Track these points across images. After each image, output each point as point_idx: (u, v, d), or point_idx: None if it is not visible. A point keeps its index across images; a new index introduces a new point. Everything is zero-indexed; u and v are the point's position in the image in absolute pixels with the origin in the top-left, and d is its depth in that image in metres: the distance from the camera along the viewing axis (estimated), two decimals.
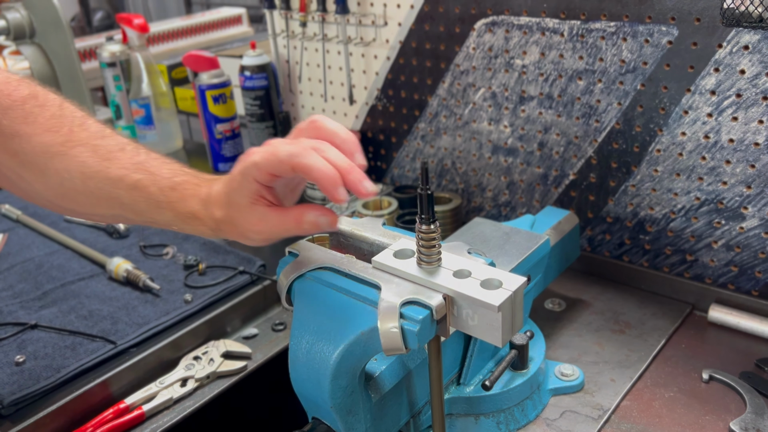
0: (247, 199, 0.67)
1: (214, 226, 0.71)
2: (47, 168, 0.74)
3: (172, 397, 0.92)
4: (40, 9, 1.72)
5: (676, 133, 1.00)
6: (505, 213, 1.26)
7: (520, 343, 0.83)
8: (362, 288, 0.68)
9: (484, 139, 1.23)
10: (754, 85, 0.90)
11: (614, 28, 1.01)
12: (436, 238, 0.66)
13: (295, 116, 1.60)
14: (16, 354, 0.96)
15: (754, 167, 0.94)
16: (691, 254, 1.04)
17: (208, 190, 0.71)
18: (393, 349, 0.63)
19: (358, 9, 1.34)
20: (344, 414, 0.67)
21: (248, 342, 1.03)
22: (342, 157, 0.64)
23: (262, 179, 0.65)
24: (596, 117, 1.07)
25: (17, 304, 1.10)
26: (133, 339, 0.99)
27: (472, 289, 0.64)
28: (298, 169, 0.63)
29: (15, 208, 1.45)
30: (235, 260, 1.18)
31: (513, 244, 0.90)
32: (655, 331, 1.00)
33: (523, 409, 0.84)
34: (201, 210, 0.71)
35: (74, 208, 0.78)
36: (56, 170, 0.74)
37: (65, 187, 0.74)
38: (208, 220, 0.71)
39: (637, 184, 1.06)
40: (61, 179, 0.74)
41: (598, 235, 1.14)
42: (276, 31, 1.52)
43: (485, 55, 1.17)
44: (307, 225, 0.66)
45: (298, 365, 0.68)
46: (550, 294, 1.10)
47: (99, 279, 1.16)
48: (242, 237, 0.70)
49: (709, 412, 0.84)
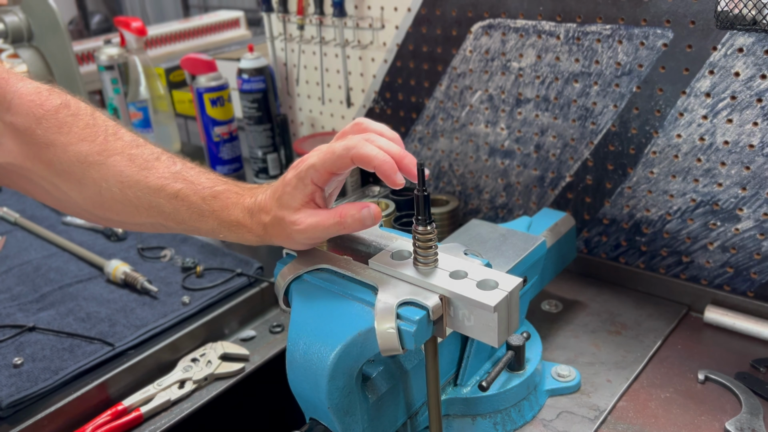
0: (300, 201, 0.68)
1: (261, 232, 0.72)
2: (84, 177, 0.74)
3: (170, 398, 0.92)
4: (39, 12, 1.72)
5: (672, 135, 1.00)
6: (502, 215, 1.27)
7: (516, 344, 0.83)
8: (359, 289, 0.68)
9: (481, 141, 1.24)
10: (748, 87, 0.91)
11: (610, 30, 1.01)
12: (433, 239, 0.67)
13: (293, 119, 1.61)
14: (14, 356, 0.97)
15: (749, 169, 0.95)
16: (687, 256, 1.05)
17: (253, 199, 0.72)
18: (390, 349, 0.63)
19: (356, 12, 1.35)
20: (341, 415, 0.68)
21: (246, 344, 1.03)
22: (393, 145, 0.67)
23: (320, 180, 0.67)
24: (592, 119, 1.08)
25: (15, 307, 1.10)
26: (131, 341, 0.99)
27: (469, 290, 0.64)
28: (357, 159, 0.64)
29: (13, 211, 1.45)
30: (232, 262, 1.18)
31: (510, 245, 0.90)
32: (651, 332, 1.00)
33: (520, 410, 0.84)
34: (246, 218, 0.72)
35: (112, 217, 0.78)
36: (93, 179, 0.74)
37: (103, 196, 0.75)
38: (255, 227, 0.72)
39: (633, 185, 1.07)
40: (99, 188, 0.74)
41: (594, 236, 1.15)
42: (274, 34, 1.52)
43: (482, 58, 1.18)
44: (350, 220, 0.67)
45: (295, 366, 0.68)
46: (547, 295, 1.10)
47: (97, 281, 1.16)
48: (289, 240, 0.71)
49: (705, 412, 0.84)
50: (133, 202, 0.74)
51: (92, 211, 0.78)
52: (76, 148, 0.74)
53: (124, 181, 0.74)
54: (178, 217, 0.74)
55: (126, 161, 0.74)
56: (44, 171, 0.76)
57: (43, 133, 0.74)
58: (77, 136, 0.74)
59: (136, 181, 0.74)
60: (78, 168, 0.74)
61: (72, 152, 0.74)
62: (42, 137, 0.74)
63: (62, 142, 0.74)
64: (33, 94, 0.75)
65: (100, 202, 0.76)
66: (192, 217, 0.74)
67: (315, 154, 0.67)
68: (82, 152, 0.74)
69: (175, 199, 0.73)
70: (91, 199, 0.76)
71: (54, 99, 0.75)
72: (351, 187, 1.46)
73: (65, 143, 0.74)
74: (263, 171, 1.57)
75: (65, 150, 0.74)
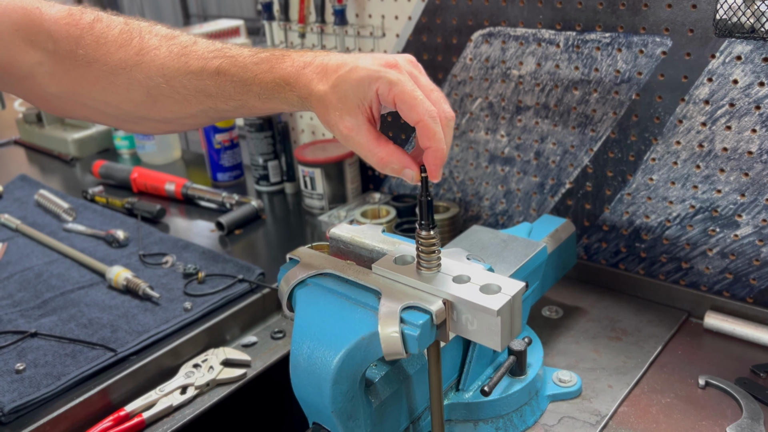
0: (356, 102, 0.65)
1: (306, 95, 0.68)
2: (131, 82, 0.76)
3: (172, 404, 0.92)
4: None
5: (671, 142, 1.01)
6: (503, 222, 1.27)
7: (518, 349, 0.84)
8: (363, 293, 0.69)
9: (481, 148, 1.25)
10: (746, 94, 0.92)
11: (609, 39, 1.02)
12: (436, 244, 0.67)
13: (293, 126, 1.61)
14: (17, 362, 0.97)
15: (748, 175, 0.95)
16: (687, 262, 1.05)
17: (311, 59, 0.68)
18: (394, 353, 0.64)
19: (357, 20, 1.36)
20: (345, 419, 0.68)
21: (247, 350, 1.04)
22: None
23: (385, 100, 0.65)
24: (592, 126, 1.09)
25: (17, 313, 1.10)
26: (133, 347, 1.00)
27: (472, 294, 0.64)
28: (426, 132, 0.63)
29: (14, 218, 1.45)
30: (234, 269, 1.19)
31: (511, 251, 0.91)
32: (651, 338, 1.01)
33: (522, 415, 0.84)
34: (294, 74, 0.68)
35: (168, 116, 0.79)
36: (139, 81, 0.76)
37: (152, 95, 0.76)
38: (301, 87, 0.68)
39: (632, 192, 1.08)
40: (147, 88, 0.76)
41: (594, 243, 1.15)
42: (275, 42, 1.53)
43: (482, 66, 1.19)
44: (393, 166, 0.65)
45: (299, 370, 0.68)
46: (548, 301, 1.11)
47: (98, 287, 1.17)
48: (327, 124, 0.68)
49: (706, 417, 0.84)
50: (180, 92, 0.75)
51: (148, 116, 0.79)
52: (116, 56, 0.75)
53: (167, 73, 0.75)
54: (224, 94, 0.73)
55: (165, 53, 0.75)
56: (94, 91, 0.78)
57: (84, 52, 0.76)
58: (115, 44, 0.76)
59: (177, 69, 0.74)
60: (123, 75, 0.76)
61: (113, 62, 0.76)
62: (84, 56, 0.76)
63: (103, 55, 0.76)
64: (67, 16, 0.77)
65: (151, 104, 0.77)
66: (237, 89, 0.72)
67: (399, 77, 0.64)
68: (122, 58, 0.75)
69: (217, 76, 0.73)
70: (143, 104, 0.77)
71: (87, 16, 0.77)
72: (351, 194, 1.47)
73: (105, 55, 0.76)
74: (264, 178, 1.57)
75: (106, 62, 0.76)
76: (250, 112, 0.77)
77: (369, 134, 0.66)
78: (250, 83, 0.71)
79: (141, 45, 0.76)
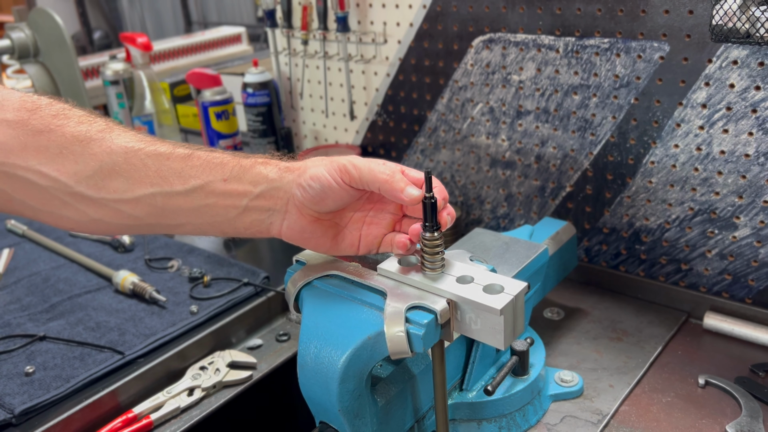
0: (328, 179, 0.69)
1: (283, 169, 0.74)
2: (83, 154, 0.70)
3: (179, 406, 0.93)
4: (45, 29, 1.75)
5: (670, 146, 1.03)
6: (504, 225, 1.29)
7: (520, 349, 0.85)
8: (368, 294, 0.70)
9: (482, 152, 1.26)
10: (743, 98, 0.94)
11: (608, 44, 1.04)
12: (440, 245, 0.69)
13: (296, 132, 1.63)
14: (26, 365, 0.98)
15: (745, 178, 0.97)
16: (686, 263, 1.07)
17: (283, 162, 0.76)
18: (399, 352, 0.65)
19: (359, 27, 1.37)
20: (351, 417, 0.69)
21: (253, 352, 1.05)
22: None
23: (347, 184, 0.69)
24: (591, 130, 1.10)
25: (25, 317, 1.11)
26: (140, 349, 1.01)
27: (475, 294, 0.66)
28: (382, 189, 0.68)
29: (21, 224, 1.46)
30: (239, 272, 1.20)
31: (513, 253, 0.92)
32: (651, 338, 1.02)
33: (525, 414, 0.86)
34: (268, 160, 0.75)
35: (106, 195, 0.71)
36: (94, 154, 0.70)
37: (103, 170, 0.70)
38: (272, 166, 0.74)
39: (632, 195, 1.09)
40: (100, 163, 0.70)
41: (594, 245, 1.17)
42: (278, 49, 1.55)
43: (483, 71, 1.21)
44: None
45: (306, 370, 0.70)
46: (549, 303, 1.12)
47: (105, 292, 1.18)
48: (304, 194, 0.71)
49: (706, 416, 0.86)
50: (138, 168, 0.70)
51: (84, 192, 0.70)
52: (76, 129, 0.70)
53: (130, 150, 0.70)
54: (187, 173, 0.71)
55: (131, 135, 0.72)
56: (33, 160, 0.69)
57: (38, 121, 0.70)
58: (75, 121, 0.71)
59: (141, 149, 0.70)
60: (77, 146, 0.70)
61: (70, 133, 0.70)
62: (37, 124, 0.69)
63: (59, 125, 0.70)
64: (23, 96, 0.72)
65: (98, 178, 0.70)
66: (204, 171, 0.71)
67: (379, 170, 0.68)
68: (82, 131, 0.70)
69: (188, 159, 0.71)
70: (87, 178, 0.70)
71: (44, 98, 0.73)
72: None
73: (62, 125, 0.70)
74: None
75: (62, 132, 0.70)
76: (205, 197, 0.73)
77: None
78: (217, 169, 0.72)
79: (106, 126, 0.72)
